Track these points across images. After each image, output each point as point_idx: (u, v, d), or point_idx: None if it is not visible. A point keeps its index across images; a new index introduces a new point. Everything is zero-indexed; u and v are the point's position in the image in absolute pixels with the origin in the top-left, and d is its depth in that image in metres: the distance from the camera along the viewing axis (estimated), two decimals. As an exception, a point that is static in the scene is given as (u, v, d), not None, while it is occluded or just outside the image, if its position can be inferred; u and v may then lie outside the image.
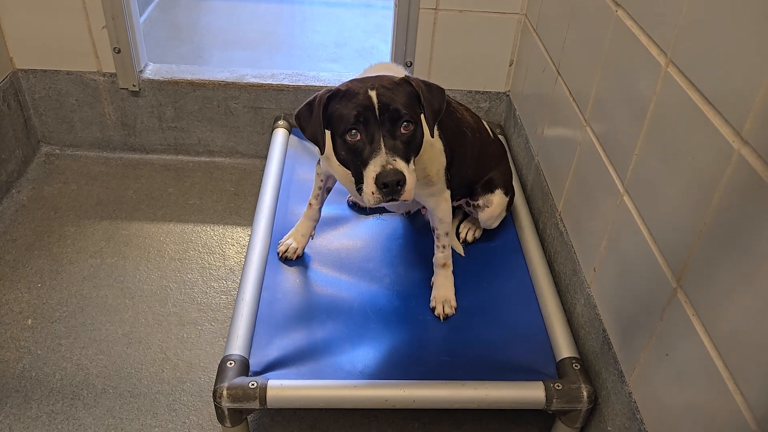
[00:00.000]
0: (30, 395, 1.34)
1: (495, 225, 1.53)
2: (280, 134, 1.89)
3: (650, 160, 1.03)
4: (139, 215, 1.82)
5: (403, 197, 1.05)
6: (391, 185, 1.03)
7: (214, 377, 1.19)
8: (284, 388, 1.16)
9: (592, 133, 1.28)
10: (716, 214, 0.84)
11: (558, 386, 1.18)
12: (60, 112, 1.99)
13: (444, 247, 1.36)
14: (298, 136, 1.92)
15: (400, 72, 1.23)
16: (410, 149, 1.08)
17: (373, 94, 1.05)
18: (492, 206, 1.48)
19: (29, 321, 1.50)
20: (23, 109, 1.96)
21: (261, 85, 1.95)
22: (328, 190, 1.46)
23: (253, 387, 1.15)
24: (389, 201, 1.06)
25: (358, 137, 1.06)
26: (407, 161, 1.06)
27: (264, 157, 2.00)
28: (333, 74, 2.02)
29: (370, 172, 1.04)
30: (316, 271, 1.46)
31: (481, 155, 1.46)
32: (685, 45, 0.93)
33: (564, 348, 1.27)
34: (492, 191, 1.48)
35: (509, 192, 1.52)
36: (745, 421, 0.77)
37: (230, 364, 1.19)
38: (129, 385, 1.37)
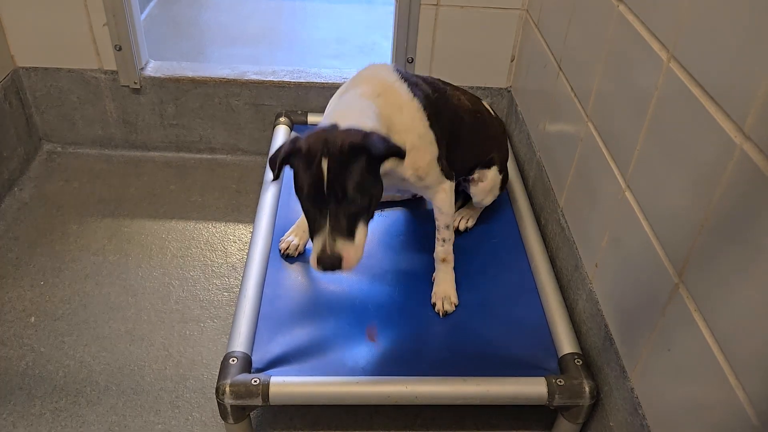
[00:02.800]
0: (33, 392, 1.35)
1: (488, 202, 1.54)
2: (281, 131, 1.89)
3: (652, 155, 1.03)
4: (141, 213, 1.83)
5: (344, 270, 1.08)
6: (328, 269, 1.06)
7: (217, 374, 1.19)
8: (286, 384, 1.17)
9: (593, 128, 1.28)
10: (718, 210, 0.84)
11: (560, 382, 1.18)
12: (61, 109, 1.99)
13: (444, 241, 1.36)
14: (299, 133, 1.91)
15: (390, 81, 1.23)
16: (358, 217, 1.09)
17: (324, 165, 1.04)
18: (486, 180, 1.50)
19: (32, 319, 1.50)
20: (25, 107, 1.96)
21: (262, 82, 1.95)
22: None
23: (255, 384, 1.15)
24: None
25: (310, 210, 1.09)
26: (352, 231, 1.08)
27: (265, 153, 2.00)
28: (334, 71, 2.01)
29: (315, 248, 1.08)
30: (318, 268, 1.46)
31: (482, 138, 1.48)
32: (687, 40, 0.93)
33: (566, 344, 1.27)
34: (488, 167, 1.50)
35: (503, 170, 1.54)
36: (746, 416, 0.77)
37: (233, 360, 1.19)
38: (132, 382, 1.38)
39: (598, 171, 1.24)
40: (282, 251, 1.47)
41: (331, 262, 1.06)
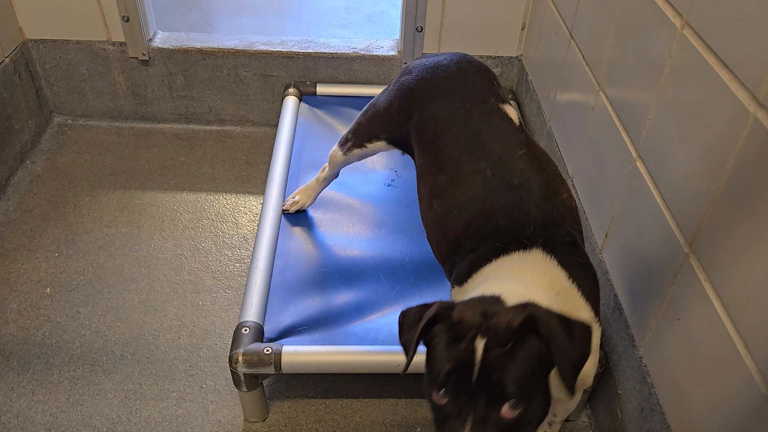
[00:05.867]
0: (51, 362, 1.37)
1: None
2: (290, 102, 1.89)
3: (664, 124, 1.02)
4: (152, 185, 1.83)
5: None
6: None
7: (230, 344, 1.21)
8: (298, 353, 1.18)
9: (605, 97, 1.27)
10: (730, 179, 0.83)
11: (569, 351, 1.19)
12: (71, 82, 1.99)
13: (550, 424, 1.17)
14: (308, 104, 1.91)
15: (556, 280, 0.92)
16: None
17: (479, 345, 0.75)
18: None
19: (48, 290, 1.52)
20: (35, 80, 1.96)
21: (271, 53, 1.94)
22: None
23: (267, 353, 1.17)
24: None
25: (444, 401, 0.78)
26: None
27: (275, 125, 1.99)
28: (343, 40, 2.00)
29: None
30: (328, 237, 1.47)
31: None
32: (701, 6, 0.91)
33: (575, 313, 1.27)
34: None
35: None
36: (755, 384, 0.77)
37: (245, 330, 1.21)
38: (147, 351, 1.40)
39: (609, 140, 1.23)
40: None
41: None
